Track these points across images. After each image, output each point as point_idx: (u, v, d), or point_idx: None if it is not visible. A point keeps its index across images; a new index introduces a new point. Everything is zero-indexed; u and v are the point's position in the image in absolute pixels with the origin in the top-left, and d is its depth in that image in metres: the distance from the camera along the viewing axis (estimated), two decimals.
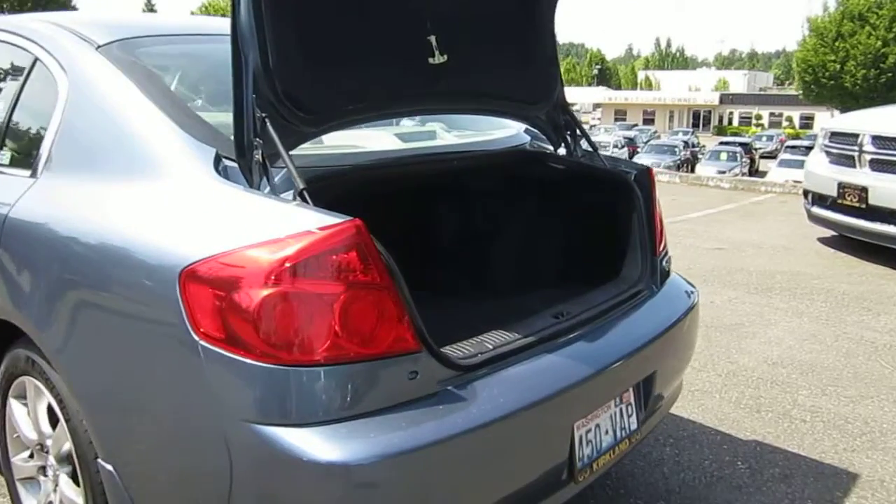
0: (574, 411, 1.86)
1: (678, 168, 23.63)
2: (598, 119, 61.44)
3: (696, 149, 30.94)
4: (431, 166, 2.37)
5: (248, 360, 1.46)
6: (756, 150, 31.06)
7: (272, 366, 1.45)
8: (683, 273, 2.67)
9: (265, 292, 1.45)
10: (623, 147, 28.68)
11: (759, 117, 59.44)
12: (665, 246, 2.50)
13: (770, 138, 39.90)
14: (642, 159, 25.04)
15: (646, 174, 2.41)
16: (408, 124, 2.92)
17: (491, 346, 1.78)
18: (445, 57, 2.07)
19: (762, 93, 72.21)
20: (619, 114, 61.68)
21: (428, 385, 1.59)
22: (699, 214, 9.08)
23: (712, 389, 3.54)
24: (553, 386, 1.77)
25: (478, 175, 2.65)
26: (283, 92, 1.70)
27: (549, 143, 2.63)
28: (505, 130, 2.75)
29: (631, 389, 2.09)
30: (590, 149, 2.55)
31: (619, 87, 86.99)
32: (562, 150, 2.59)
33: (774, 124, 56.39)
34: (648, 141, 31.22)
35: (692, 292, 2.53)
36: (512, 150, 2.61)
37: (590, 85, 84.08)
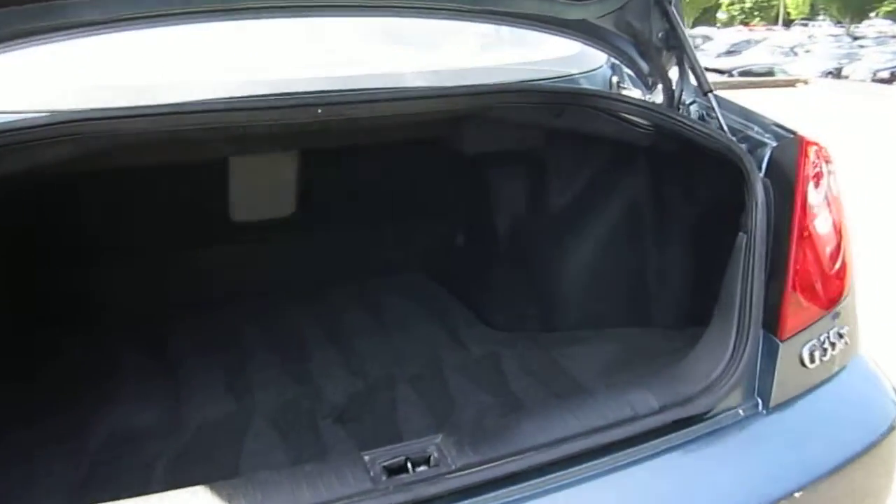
0: None
1: None
2: None
3: None
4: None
5: None
6: None
7: None
8: None
9: None
10: None
11: None
12: (834, 315, 1.20)
13: None
14: None
15: (790, 149, 1.18)
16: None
17: None
18: None
19: None
20: None
21: None
22: None
23: None
24: None
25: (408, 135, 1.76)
26: None
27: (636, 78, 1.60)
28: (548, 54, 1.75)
29: None
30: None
31: None
32: (656, 96, 1.55)
33: None
34: None
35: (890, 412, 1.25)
36: (493, 89, 1.59)
37: None
